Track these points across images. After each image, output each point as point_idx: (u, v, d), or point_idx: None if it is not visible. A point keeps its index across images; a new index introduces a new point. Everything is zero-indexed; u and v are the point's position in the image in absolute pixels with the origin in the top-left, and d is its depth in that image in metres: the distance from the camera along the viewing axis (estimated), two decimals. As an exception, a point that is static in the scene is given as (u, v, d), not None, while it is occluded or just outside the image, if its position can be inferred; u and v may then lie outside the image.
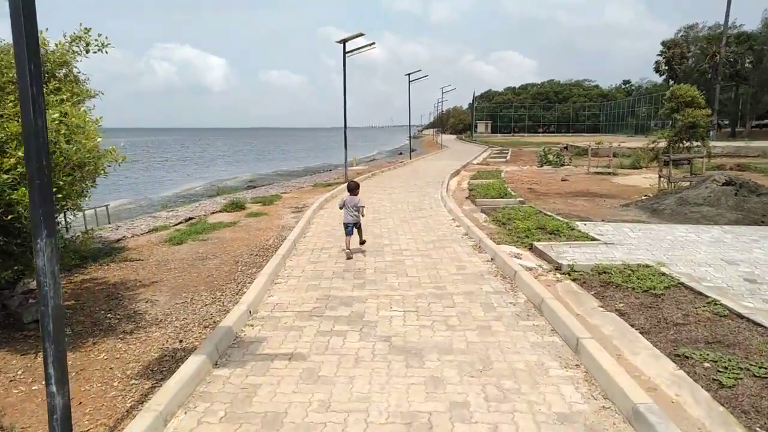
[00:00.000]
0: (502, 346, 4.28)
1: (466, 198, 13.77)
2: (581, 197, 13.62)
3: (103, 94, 7.31)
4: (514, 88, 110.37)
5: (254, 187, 22.73)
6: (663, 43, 67.98)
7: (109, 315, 5.42)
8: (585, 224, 9.11)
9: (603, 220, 10.03)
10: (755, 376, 3.63)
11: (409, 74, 27.53)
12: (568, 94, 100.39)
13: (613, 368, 3.62)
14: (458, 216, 10.13)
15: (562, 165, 23.74)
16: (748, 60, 57.12)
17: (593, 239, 7.90)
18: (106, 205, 13.03)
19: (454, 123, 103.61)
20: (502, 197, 12.73)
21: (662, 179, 14.33)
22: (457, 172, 20.87)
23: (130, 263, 7.45)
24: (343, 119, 17.75)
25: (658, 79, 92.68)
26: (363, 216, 7.92)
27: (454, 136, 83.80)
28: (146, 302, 5.78)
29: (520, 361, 3.99)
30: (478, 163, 26.87)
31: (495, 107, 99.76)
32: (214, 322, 5.01)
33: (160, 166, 44.22)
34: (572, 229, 8.65)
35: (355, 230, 7.71)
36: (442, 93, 45.03)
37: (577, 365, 3.91)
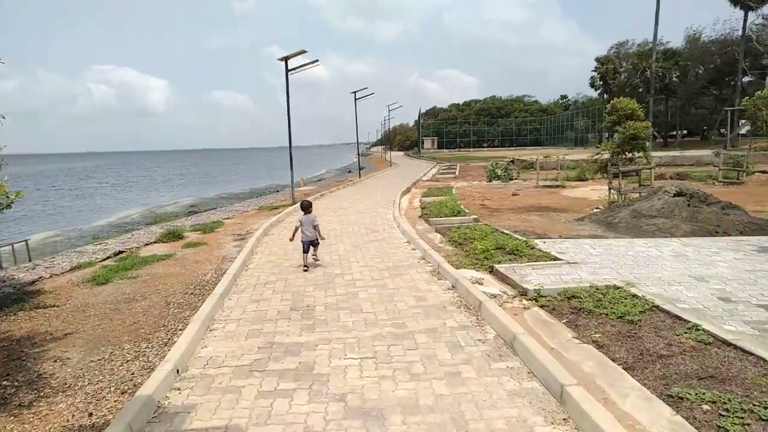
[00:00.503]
0: (476, 398, 3.69)
1: (419, 217, 13.31)
2: (534, 212, 13.44)
3: (4, 117, 6.32)
4: (458, 104, 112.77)
5: (196, 213, 21.50)
6: (597, 59, 71.08)
7: (5, 382, 4.47)
8: (544, 242, 8.78)
9: (561, 237, 9.76)
10: (762, 419, 3.20)
11: (354, 92, 27.15)
12: (509, 110, 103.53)
13: (606, 422, 3.10)
14: (413, 238, 9.59)
15: (511, 179, 23.85)
16: (675, 75, 60.66)
17: (555, 258, 7.53)
18: (26, 240, 11.69)
19: (401, 140, 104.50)
20: (456, 215, 12.33)
21: (612, 191, 14.38)
22: (407, 190, 20.48)
23: (43, 311, 6.43)
24: (288, 139, 17.04)
25: (593, 94, 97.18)
26: (321, 236, 8.25)
27: (402, 153, 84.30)
28: (55, 361, 4.86)
29: (500, 418, 3.41)
30: (427, 180, 26.67)
31: (440, 123, 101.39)
32: (135, 385, 4.18)
33: (95, 192, 41.68)
34: (532, 248, 8.28)
35: (314, 244, 8.12)
36: (389, 110, 45.10)
37: (564, 420, 3.37)
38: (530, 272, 6.78)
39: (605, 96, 72.93)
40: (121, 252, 10.27)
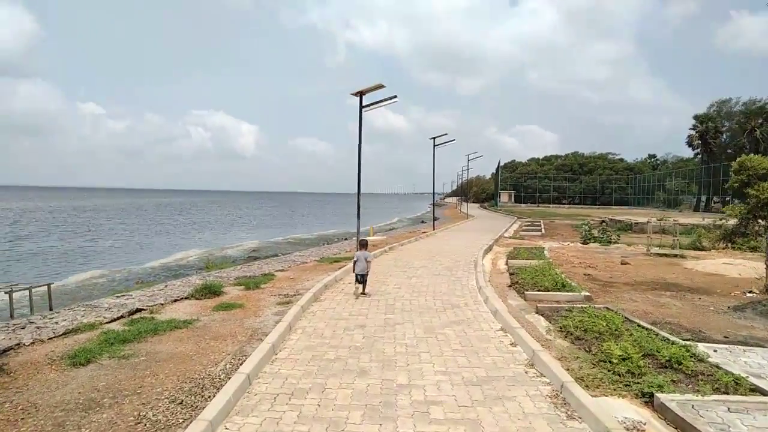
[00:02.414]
0: None
1: (509, 286, 10.59)
2: (663, 291, 10.31)
3: None
4: (538, 159, 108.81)
5: (256, 258, 19.91)
6: (696, 117, 65.71)
7: None
8: (715, 350, 5.85)
9: (726, 338, 6.76)
10: None
11: (434, 138, 25.11)
12: (592, 167, 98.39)
13: None
14: (510, 325, 6.91)
15: (610, 242, 20.43)
16: (790, 134, 54.24)
17: (756, 389, 4.63)
18: (48, 285, 10.15)
19: (477, 192, 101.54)
20: (559, 289, 9.52)
21: (771, 270, 10.99)
22: (489, 248, 17.73)
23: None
24: (357, 182, 15.03)
25: (685, 154, 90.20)
26: (369, 270, 9.43)
27: (477, 205, 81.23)
28: None
29: None
30: (510, 237, 23.72)
31: (518, 177, 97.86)
32: None
33: (171, 229, 42.07)
34: (701, 360, 5.44)
35: (363, 280, 9.33)
36: (468, 160, 42.69)
37: None
38: (727, 417, 3.96)
39: (704, 156, 66.93)
40: (138, 310, 8.35)
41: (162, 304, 8.89)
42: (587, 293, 9.34)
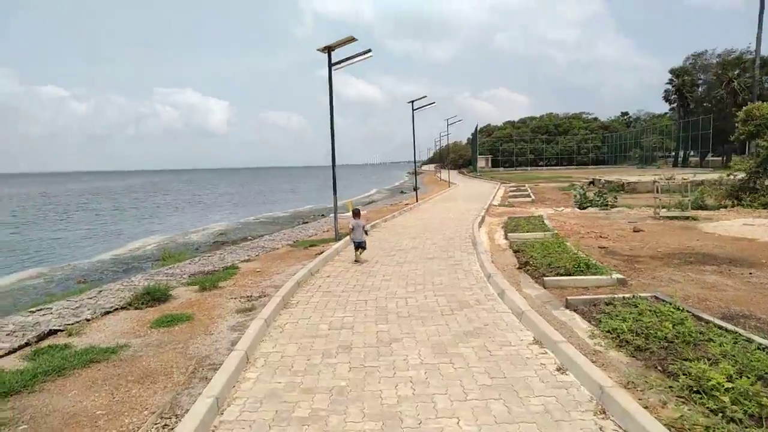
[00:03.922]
0: None
1: (519, 269, 8.88)
2: (699, 265, 8.71)
3: None
4: (513, 122, 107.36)
5: (222, 244, 17.87)
6: (672, 71, 64.50)
7: None
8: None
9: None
10: None
11: (412, 101, 23.03)
12: (567, 127, 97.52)
13: None
14: (545, 334, 5.12)
15: (607, 205, 18.90)
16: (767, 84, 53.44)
17: None
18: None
19: (454, 158, 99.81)
20: (583, 271, 7.82)
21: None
22: (482, 220, 16.00)
23: None
24: (331, 153, 13.05)
25: (659, 110, 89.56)
26: (368, 234, 10.17)
27: (456, 171, 79.61)
28: None
29: None
30: (499, 205, 22.07)
31: (495, 141, 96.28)
32: None
33: (136, 213, 39.33)
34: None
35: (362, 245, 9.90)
36: (448, 124, 40.65)
37: None
38: None
39: (680, 111, 66.10)
40: (52, 333, 6.36)
41: (88, 320, 6.90)
42: (619, 275, 7.67)
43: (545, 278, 7.67)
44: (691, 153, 66.02)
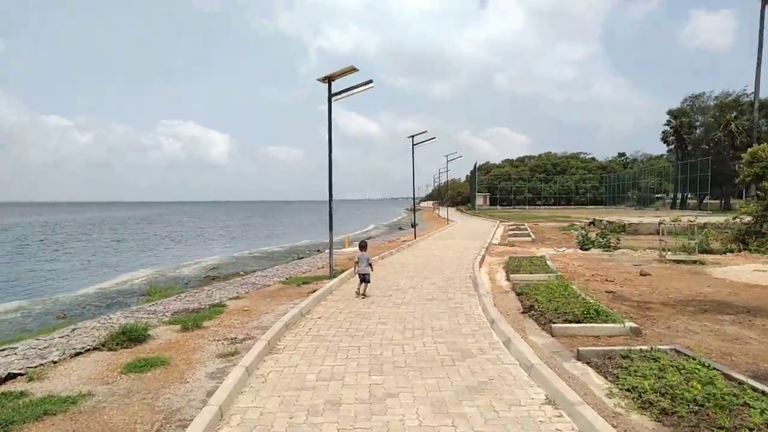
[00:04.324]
0: None
1: (523, 313, 8.35)
2: (716, 314, 8.18)
3: None
4: (512, 160, 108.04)
5: (213, 279, 17.29)
6: (670, 113, 65.24)
7: None
8: None
9: None
10: None
11: (412, 136, 22.85)
12: (565, 167, 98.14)
13: None
14: (560, 393, 4.57)
15: (609, 246, 18.41)
16: (765, 127, 53.88)
17: None
18: None
19: (452, 195, 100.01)
20: (593, 318, 7.28)
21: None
22: (482, 259, 15.49)
23: None
24: (328, 187, 12.65)
25: (656, 151, 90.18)
26: (371, 271, 9.97)
27: (454, 209, 79.48)
28: None
29: None
30: (498, 243, 21.59)
31: (493, 179, 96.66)
32: None
33: (130, 245, 38.70)
34: None
35: (366, 280, 9.76)
36: (447, 161, 40.49)
37: None
38: None
39: (678, 153, 66.47)
40: (11, 377, 5.76)
41: (54, 362, 6.31)
42: (632, 323, 7.13)
43: (553, 325, 7.12)
44: (689, 195, 66.13)
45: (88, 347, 6.91)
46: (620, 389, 4.89)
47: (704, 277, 11.92)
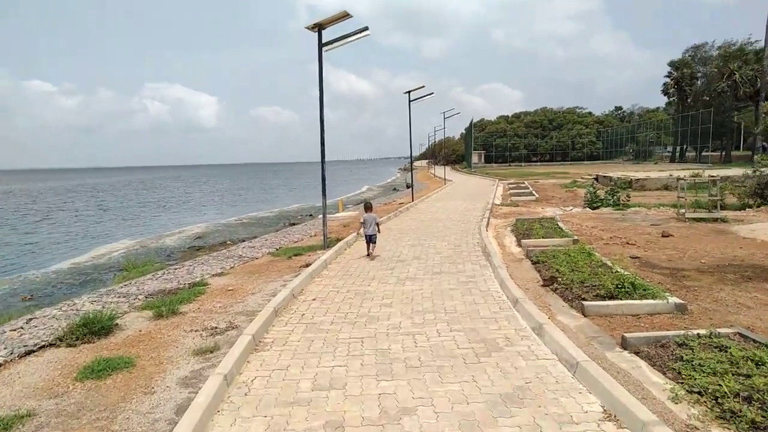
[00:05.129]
0: None
1: (543, 286, 7.37)
2: (758, 281, 7.24)
3: None
4: (507, 116, 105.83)
5: (198, 249, 16.24)
6: (671, 64, 63.32)
7: None
8: None
9: None
10: None
11: (409, 92, 21.39)
12: (561, 122, 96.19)
13: None
14: (615, 397, 3.61)
15: (619, 205, 17.42)
16: (768, 77, 52.30)
17: None
18: None
19: (446, 153, 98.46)
20: (629, 293, 6.30)
21: None
22: (487, 222, 14.47)
23: None
24: (320, 148, 11.47)
25: (653, 104, 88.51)
26: (379, 232, 10.17)
27: (449, 167, 78.16)
28: None
29: None
30: (502, 204, 20.56)
31: (488, 136, 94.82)
32: None
33: (115, 213, 37.42)
34: None
35: (373, 240, 9.95)
36: (444, 118, 38.82)
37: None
38: None
39: (679, 106, 64.96)
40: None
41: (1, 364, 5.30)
42: (677, 299, 6.17)
43: (585, 303, 6.14)
44: (687, 148, 65.05)
45: (43, 343, 5.89)
46: (687, 391, 3.93)
47: (732, 237, 10.98)
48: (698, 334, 4.89)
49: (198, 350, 5.32)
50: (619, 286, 6.46)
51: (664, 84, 64.58)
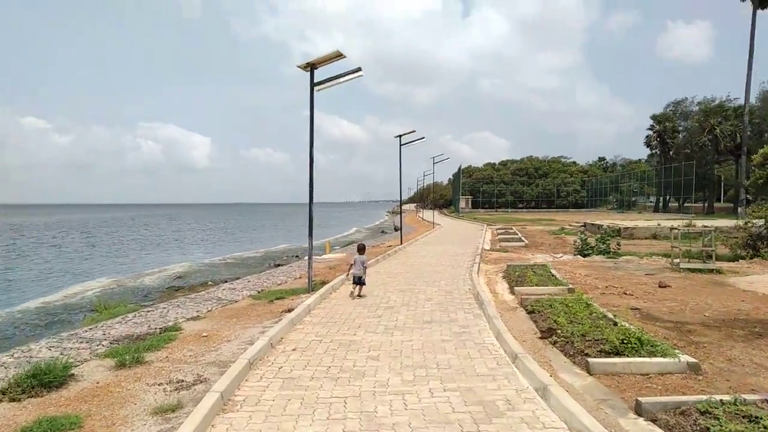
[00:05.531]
0: None
1: (541, 339, 6.85)
2: (765, 337, 6.81)
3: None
4: (494, 164, 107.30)
5: (177, 289, 15.52)
6: (653, 117, 65.17)
7: None
8: None
9: None
10: None
11: (400, 136, 21.30)
12: (547, 170, 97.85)
13: None
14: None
15: (610, 252, 17.11)
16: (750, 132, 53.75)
17: None
18: None
19: (434, 198, 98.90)
20: (637, 350, 5.81)
21: None
22: (478, 268, 14.00)
23: None
24: (309, 189, 11.06)
25: (636, 156, 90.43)
26: (366, 275, 9.98)
27: (437, 211, 78.29)
28: None
29: None
30: (491, 249, 20.16)
31: (475, 183, 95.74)
32: None
33: (98, 250, 36.35)
34: None
35: (360, 282, 9.84)
36: (434, 162, 38.95)
37: None
38: None
39: (662, 158, 66.28)
40: None
41: None
42: (689, 357, 5.69)
43: (589, 360, 5.63)
44: (670, 199, 65.98)
45: (-17, 397, 5.19)
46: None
47: (731, 290, 10.61)
48: (721, 400, 4.39)
49: (158, 409, 4.68)
50: (625, 342, 5.97)
51: (647, 136, 66.32)
